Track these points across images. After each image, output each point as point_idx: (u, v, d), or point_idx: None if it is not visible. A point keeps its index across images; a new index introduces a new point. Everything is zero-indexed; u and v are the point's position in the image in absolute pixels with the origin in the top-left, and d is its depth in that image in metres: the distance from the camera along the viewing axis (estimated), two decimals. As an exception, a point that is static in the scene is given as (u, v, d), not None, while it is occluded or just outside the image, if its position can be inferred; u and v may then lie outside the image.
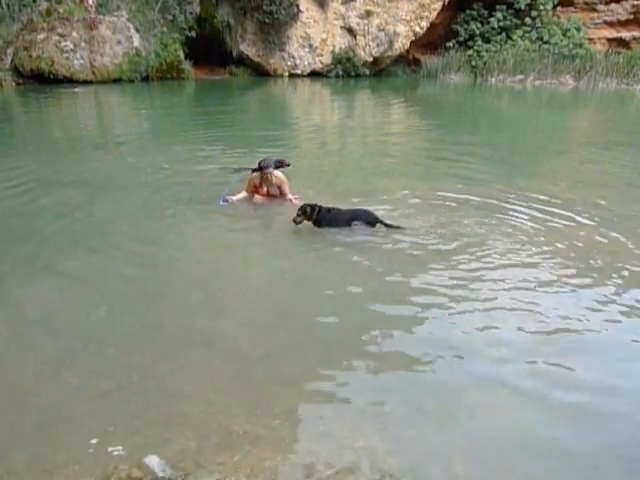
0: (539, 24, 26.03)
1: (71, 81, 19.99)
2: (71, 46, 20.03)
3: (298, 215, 4.97)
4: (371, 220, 5.11)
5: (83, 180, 6.85)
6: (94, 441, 2.36)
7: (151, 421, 2.50)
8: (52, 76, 19.77)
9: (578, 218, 5.52)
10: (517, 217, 5.52)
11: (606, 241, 4.90)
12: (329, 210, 5.08)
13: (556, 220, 5.46)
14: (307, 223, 5.03)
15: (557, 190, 6.63)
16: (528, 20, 25.91)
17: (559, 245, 4.77)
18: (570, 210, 5.75)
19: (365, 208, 5.28)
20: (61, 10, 20.16)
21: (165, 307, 3.63)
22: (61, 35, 19.90)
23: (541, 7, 25.61)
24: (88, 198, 6.08)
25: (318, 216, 4.99)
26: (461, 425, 2.54)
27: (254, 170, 5.96)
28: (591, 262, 4.42)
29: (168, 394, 2.69)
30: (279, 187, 6.02)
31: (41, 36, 19.67)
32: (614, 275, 4.16)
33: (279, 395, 2.70)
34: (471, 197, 6.24)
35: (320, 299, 3.76)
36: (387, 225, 5.08)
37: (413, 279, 4.04)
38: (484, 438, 2.47)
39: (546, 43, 25.55)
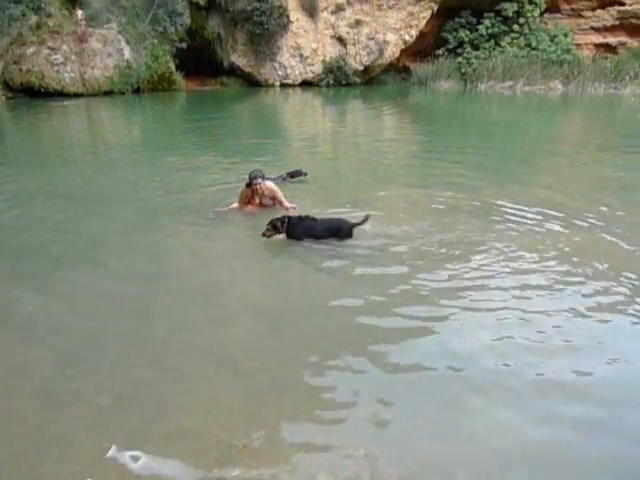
0: (527, 31, 26.33)
1: (62, 94, 19.95)
2: (61, 59, 20.02)
3: (267, 229, 4.86)
4: (348, 231, 4.98)
5: (73, 193, 6.83)
6: (92, 458, 2.32)
7: (150, 436, 2.46)
8: (43, 89, 19.74)
9: (573, 222, 5.54)
10: (512, 222, 5.54)
11: (604, 245, 4.92)
12: (301, 219, 4.96)
13: (551, 224, 5.48)
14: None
15: (550, 194, 6.67)
16: (516, 27, 26.21)
17: (556, 250, 4.78)
18: (565, 214, 5.78)
19: (340, 217, 5.18)
20: (51, 24, 20.16)
21: (159, 320, 3.59)
22: (51, 48, 19.89)
23: (528, 14, 25.93)
24: (78, 211, 6.05)
25: (288, 228, 4.88)
26: (463, 434, 2.52)
27: (247, 184, 5.92)
28: (590, 267, 4.40)
29: (166, 407, 2.66)
30: (272, 197, 6.01)
31: (31, 50, 19.65)
32: (615, 280, 4.14)
33: (278, 406, 2.67)
34: (465, 203, 6.27)
35: (316, 308, 3.75)
36: (360, 223, 4.98)
37: (409, 287, 4.03)
38: (486, 448, 2.45)
39: (534, 49, 25.85)
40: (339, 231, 4.99)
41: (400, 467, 2.30)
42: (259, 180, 5.81)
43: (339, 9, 25.77)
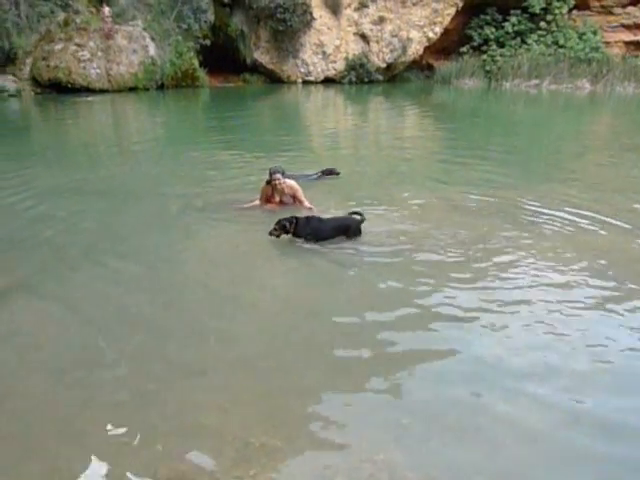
0: (554, 28, 25.81)
1: (88, 90, 20.28)
2: (88, 55, 20.33)
3: (275, 229, 4.78)
4: (356, 229, 4.94)
5: (95, 189, 6.90)
6: (110, 452, 2.33)
7: (167, 432, 2.46)
8: (69, 85, 20.08)
9: (601, 224, 5.40)
10: (537, 224, 5.41)
11: (635, 248, 4.77)
12: (308, 220, 4.88)
13: (579, 226, 5.34)
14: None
15: (577, 195, 6.51)
16: (543, 24, 25.71)
17: (584, 253, 4.66)
18: (592, 216, 5.63)
19: (350, 216, 5.09)
20: (78, 20, 20.50)
21: (179, 316, 3.60)
22: (78, 45, 20.22)
23: (556, 11, 25.40)
24: (99, 207, 6.11)
25: (296, 228, 4.81)
26: (483, 439, 2.46)
27: (268, 181, 5.90)
28: (619, 272, 4.26)
29: (184, 404, 2.66)
30: (292, 196, 5.98)
31: (59, 46, 20.01)
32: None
33: (296, 406, 2.64)
34: (489, 203, 6.16)
35: (335, 308, 3.70)
36: (362, 219, 4.93)
37: (430, 288, 3.96)
38: (509, 455, 2.38)
39: (562, 47, 25.32)
40: (347, 230, 4.94)
41: (419, 472, 2.26)
42: (278, 176, 5.76)
43: (362, 6, 25.63)
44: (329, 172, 7.23)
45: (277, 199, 5.99)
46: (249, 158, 8.89)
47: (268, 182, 5.86)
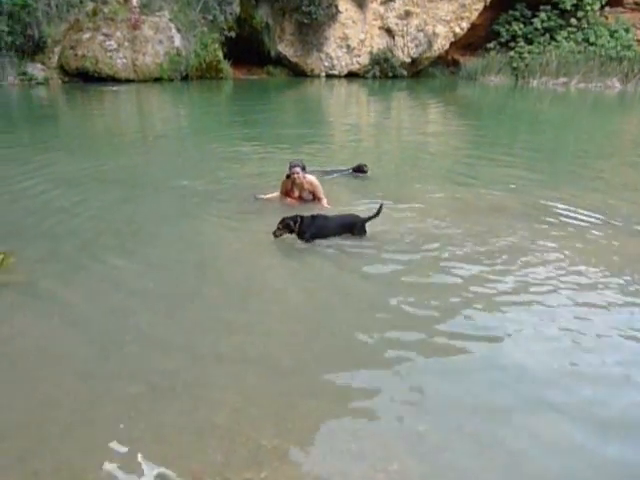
0: (585, 25, 25.19)
1: (114, 80, 20.50)
2: (115, 45, 20.54)
3: (279, 228, 4.64)
4: (361, 227, 4.85)
5: (116, 177, 6.97)
6: (122, 448, 2.33)
7: (180, 429, 2.44)
8: (96, 74, 20.33)
9: (631, 228, 5.23)
10: (563, 226, 5.26)
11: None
12: (313, 219, 4.74)
13: (606, 231, 5.17)
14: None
15: (604, 197, 6.31)
16: (573, 21, 25.10)
17: (613, 257, 4.52)
18: (620, 219, 5.46)
19: (352, 213, 5.02)
20: (106, 10, 20.70)
21: (195, 313, 3.56)
22: (105, 35, 20.43)
23: (588, 7, 24.77)
24: (118, 197, 6.13)
25: (301, 227, 4.65)
26: (503, 451, 2.37)
27: (288, 175, 5.84)
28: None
29: (198, 401, 2.63)
30: (312, 192, 5.90)
31: (87, 35, 20.24)
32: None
33: (310, 409, 2.60)
34: (512, 203, 6.03)
35: (352, 309, 3.63)
36: (374, 216, 4.81)
37: (451, 291, 3.87)
38: (528, 467, 2.30)
39: (592, 45, 24.70)
40: (352, 227, 4.84)
41: (434, 483, 2.20)
42: (297, 169, 5.70)
43: (388, 0, 25.32)
44: (358, 169, 7.16)
45: (296, 194, 5.93)
46: (271, 151, 8.87)
47: (288, 176, 5.81)
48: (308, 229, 4.68)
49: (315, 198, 5.90)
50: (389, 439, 2.39)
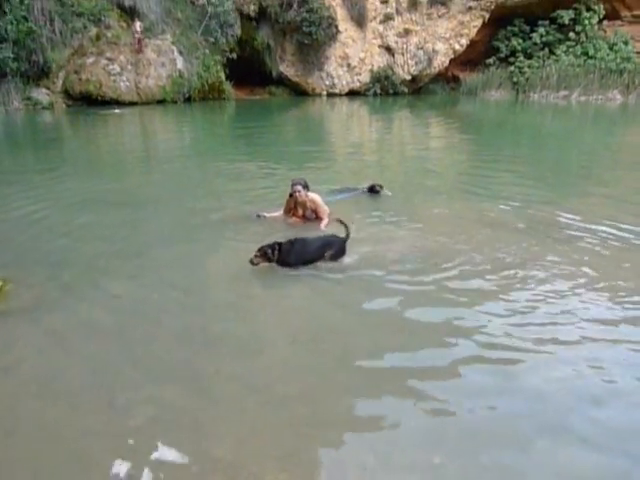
0: (584, 39, 25.39)
1: (117, 103, 20.70)
2: (118, 69, 20.79)
3: (256, 256, 4.37)
4: (340, 248, 4.62)
5: (124, 201, 6.89)
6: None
7: (180, 463, 2.32)
8: (100, 98, 20.54)
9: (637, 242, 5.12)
10: (570, 241, 5.14)
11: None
12: (292, 244, 4.50)
13: (617, 242, 5.06)
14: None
15: (610, 211, 6.19)
16: (572, 35, 25.32)
17: (627, 272, 4.38)
18: (633, 231, 5.34)
19: (333, 234, 4.76)
20: (109, 35, 21.00)
21: (196, 340, 3.43)
22: (109, 59, 20.70)
23: (586, 22, 25.00)
24: (123, 219, 6.06)
25: (280, 255, 4.42)
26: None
27: (291, 194, 5.77)
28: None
29: (199, 433, 2.51)
30: (314, 211, 5.81)
31: (90, 60, 20.52)
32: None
33: (317, 439, 2.46)
34: (517, 218, 5.92)
35: (357, 332, 3.48)
36: (347, 237, 4.62)
37: (461, 312, 3.73)
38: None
39: (591, 58, 24.86)
40: (330, 249, 4.59)
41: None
42: (298, 187, 5.61)
43: (388, 18, 25.65)
44: (372, 189, 6.92)
45: (300, 212, 5.84)
46: (274, 170, 8.84)
47: (291, 194, 5.75)
48: (288, 256, 4.45)
49: (317, 217, 5.82)
50: (402, 472, 2.25)
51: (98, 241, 5.28)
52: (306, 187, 5.69)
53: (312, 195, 5.77)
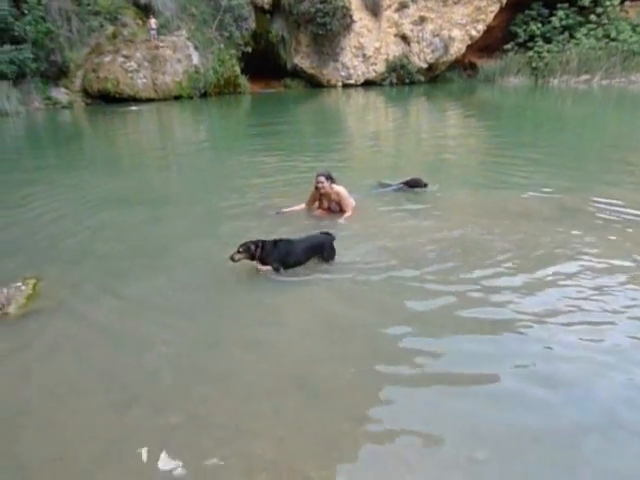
0: (605, 21, 24.72)
1: (135, 100, 20.87)
2: (135, 66, 20.95)
3: (238, 252, 4.19)
4: (331, 248, 4.36)
5: (145, 198, 6.93)
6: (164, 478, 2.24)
7: (222, 459, 2.34)
8: (117, 95, 20.74)
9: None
10: (606, 228, 5.02)
11: None
12: (275, 244, 4.28)
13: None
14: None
15: (636, 197, 6.05)
16: (593, 17, 24.68)
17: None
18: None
19: (323, 232, 4.46)
20: (126, 33, 21.14)
21: (226, 338, 3.44)
22: (126, 56, 20.86)
23: (607, 3, 24.34)
24: (148, 217, 6.09)
25: (262, 254, 4.23)
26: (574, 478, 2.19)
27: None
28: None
29: (238, 430, 2.52)
30: (338, 203, 5.76)
31: (107, 58, 20.70)
32: None
33: (357, 435, 2.45)
34: (541, 206, 5.82)
35: (391, 330, 3.44)
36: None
37: (497, 306, 3.65)
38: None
39: (614, 40, 24.19)
40: (321, 250, 4.36)
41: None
42: (322, 179, 5.57)
43: (403, 7, 25.34)
44: (414, 183, 6.60)
45: (325, 205, 5.81)
46: (293, 164, 8.80)
47: (316, 187, 5.73)
48: (270, 256, 4.26)
49: (341, 210, 5.80)
50: (444, 469, 2.23)
51: (122, 240, 5.29)
52: (330, 179, 5.65)
53: (337, 188, 5.73)
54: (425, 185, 6.57)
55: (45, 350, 3.38)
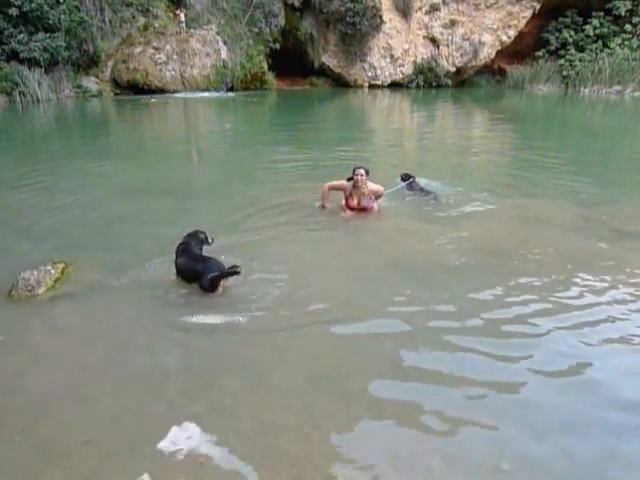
0: (641, 31, 24.15)
1: (162, 91, 21.11)
2: (164, 58, 21.17)
3: None
4: (207, 282, 3.81)
5: (173, 189, 6.98)
6: (184, 470, 2.25)
7: (244, 454, 2.34)
8: (146, 87, 20.99)
9: None
10: (628, 245, 4.92)
11: None
12: (183, 252, 4.08)
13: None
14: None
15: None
16: (628, 27, 24.16)
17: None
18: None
19: (231, 266, 3.86)
20: (157, 25, 21.37)
21: (243, 329, 3.43)
22: (156, 48, 21.09)
23: (644, 13, 23.77)
24: (177, 208, 6.14)
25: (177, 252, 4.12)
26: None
27: (349, 178, 5.70)
28: None
29: (262, 424, 2.52)
30: (374, 193, 5.64)
31: (138, 49, 20.96)
32: None
33: (382, 436, 2.43)
34: (568, 217, 5.71)
35: (420, 327, 3.43)
36: (226, 275, 3.82)
37: (524, 309, 3.63)
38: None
39: (649, 51, 23.63)
40: (199, 278, 3.88)
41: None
42: (362, 171, 5.49)
43: (434, 9, 25.12)
44: (406, 178, 6.69)
45: (355, 202, 5.66)
46: (314, 161, 8.81)
47: (349, 179, 5.63)
48: (176, 258, 4.10)
49: (373, 204, 5.70)
50: (469, 476, 2.20)
51: (151, 230, 5.32)
52: (367, 174, 5.59)
53: (373, 185, 5.68)
54: (410, 177, 6.63)
55: (74, 332, 3.44)
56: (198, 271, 3.91)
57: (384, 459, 2.30)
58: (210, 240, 4.43)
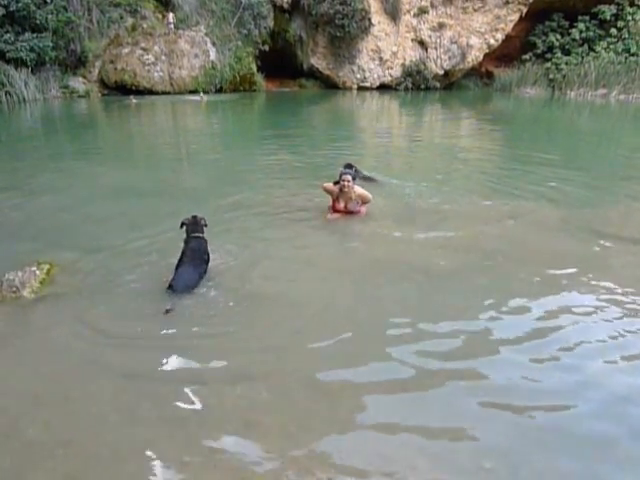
0: (626, 35, 24.53)
1: (151, 92, 20.98)
2: (152, 59, 21.06)
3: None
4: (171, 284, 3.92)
5: (159, 190, 6.96)
6: (173, 473, 2.24)
7: (228, 456, 2.34)
8: (134, 87, 20.85)
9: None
10: (615, 248, 5.00)
11: None
12: (191, 241, 4.24)
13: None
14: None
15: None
16: (613, 31, 24.51)
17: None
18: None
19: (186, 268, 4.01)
20: (145, 25, 21.26)
21: (241, 332, 3.45)
22: (144, 49, 20.98)
23: (629, 17, 24.16)
24: (162, 210, 6.08)
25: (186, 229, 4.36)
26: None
27: (335, 182, 5.73)
28: None
29: (246, 424, 2.53)
30: (360, 197, 5.63)
31: (126, 50, 20.82)
32: None
33: (366, 437, 2.44)
34: (554, 220, 5.77)
35: (406, 328, 3.45)
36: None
37: (524, 313, 3.68)
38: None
39: (633, 55, 23.99)
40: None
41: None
42: (349, 177, 5.51)
43: (422, 12, 25.28)
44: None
45: (342, 205, 5.67)
46: (304, 162, 8.82)
47: (336, 182, 5.64)
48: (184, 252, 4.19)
49: (363, 203, 5.71)
50: (452, 475, 2.22)
51: (137, 232, 5.26)
52: (354, 179, 5.63)
53: (360, 190, 5.69)
54: (351, 167, 6.49)
55: (58, 334, 3.40)
56: (176, 269, 4.04)
57: (365, 460, 2.32)
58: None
